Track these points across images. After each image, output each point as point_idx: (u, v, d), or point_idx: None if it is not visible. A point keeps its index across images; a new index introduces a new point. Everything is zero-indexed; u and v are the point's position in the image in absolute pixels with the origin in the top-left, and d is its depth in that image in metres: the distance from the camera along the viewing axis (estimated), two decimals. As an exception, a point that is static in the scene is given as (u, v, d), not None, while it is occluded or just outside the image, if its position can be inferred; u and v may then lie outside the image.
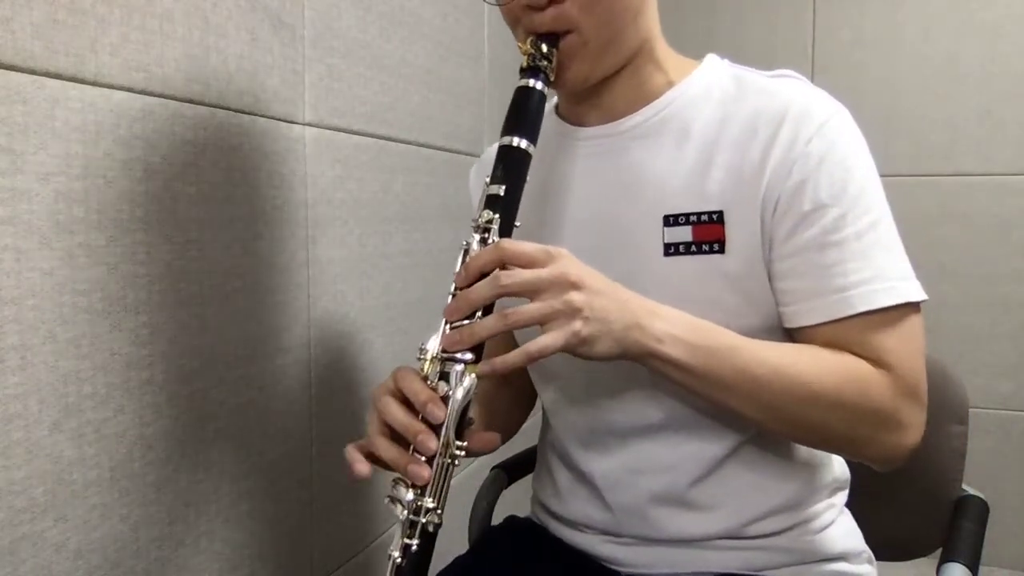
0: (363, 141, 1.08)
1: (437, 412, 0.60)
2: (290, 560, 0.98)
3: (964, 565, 0.78)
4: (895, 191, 0.74)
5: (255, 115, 0.87)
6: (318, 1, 0.97)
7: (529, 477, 1.07)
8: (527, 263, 0.60)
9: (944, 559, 0.80)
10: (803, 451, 0.77)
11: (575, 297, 0.59)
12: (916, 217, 1.92)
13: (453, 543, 0.86)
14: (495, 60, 1.53)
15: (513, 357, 0.60)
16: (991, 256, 1.95)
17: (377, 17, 1.10)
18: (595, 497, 0.78)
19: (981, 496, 0.91)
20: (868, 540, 0.82)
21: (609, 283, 0.62)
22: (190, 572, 0.81)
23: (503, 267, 0.61)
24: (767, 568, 0.74)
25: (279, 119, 0.91)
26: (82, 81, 0.66)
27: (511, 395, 0.91)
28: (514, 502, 1.02)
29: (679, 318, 0.65)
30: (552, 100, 0.81)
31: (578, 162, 0.78)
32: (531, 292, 0.59)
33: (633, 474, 0.76)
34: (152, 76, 0.73)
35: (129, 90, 0.71)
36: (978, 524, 0.86)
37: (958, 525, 0.86)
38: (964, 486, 0.93)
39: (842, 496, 0.81)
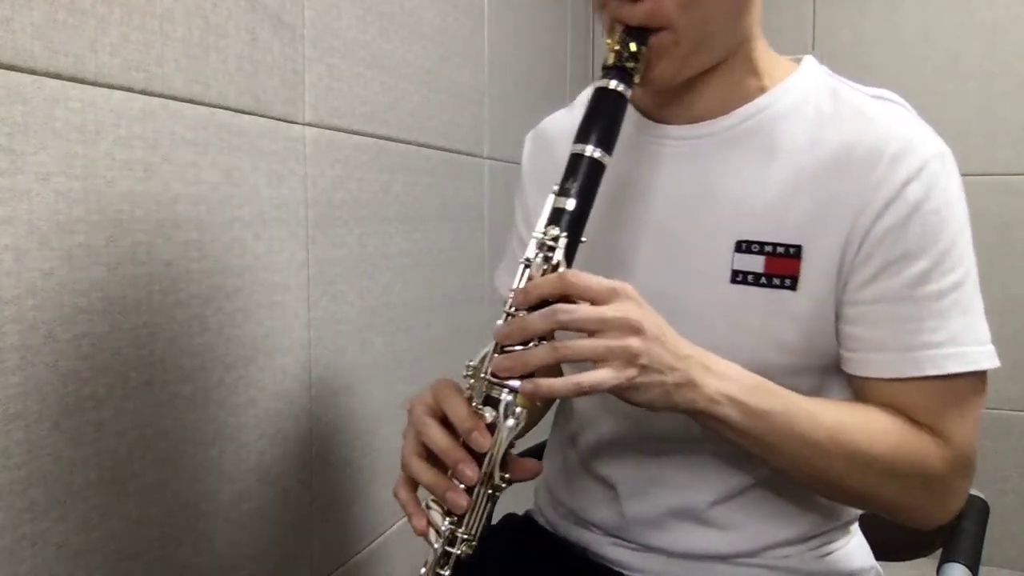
0: (363, 141, 1.08)
1: (482, 441, 0.56)
2: (290, 560, 0.98)
3: (964, 565, 0.78)
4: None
5: (255, 115, 0.87)
6: (318, 1, 0.97)
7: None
8: (591, 299, 0.57)
9: (944, 559, 0.79)
10: None
11: (634, 343, 0.56)
12: (916, 217, 1.91)
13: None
14: (495, 60, 1.53)
15: (562, 386, 0.56)
16: (991, 256, 1.95)
17: (377, 17, 1.10)
18: (611, 501, 0.77)
19: (981, 496, 0.91)
20: (868, 539, 0.82)
21: (669, 331, 0.59)
22: (190, 572, 0.81)
23: (564, 298, 0.57)
24: None
25: (279, 119, 0.91)
26: (82, 81, 0.66)
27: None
28: (504, 501, 1.02)
29: (735, 377, 0.61)
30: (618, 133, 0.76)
31: (658, 164, 0.72)
32: (590, 330, 0.56)
33: (655, 485, 0.74)
34: (152, 76, 0.73)
35: (129, 90, 0.71)
36: (978, 524, 0.86)
37: (958, 525, 0.86)
38: (964, 486, 0.93)
39: (856, 524, 0.80)
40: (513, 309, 0.59)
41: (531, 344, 0.57)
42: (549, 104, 1.88)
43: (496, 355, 0.58)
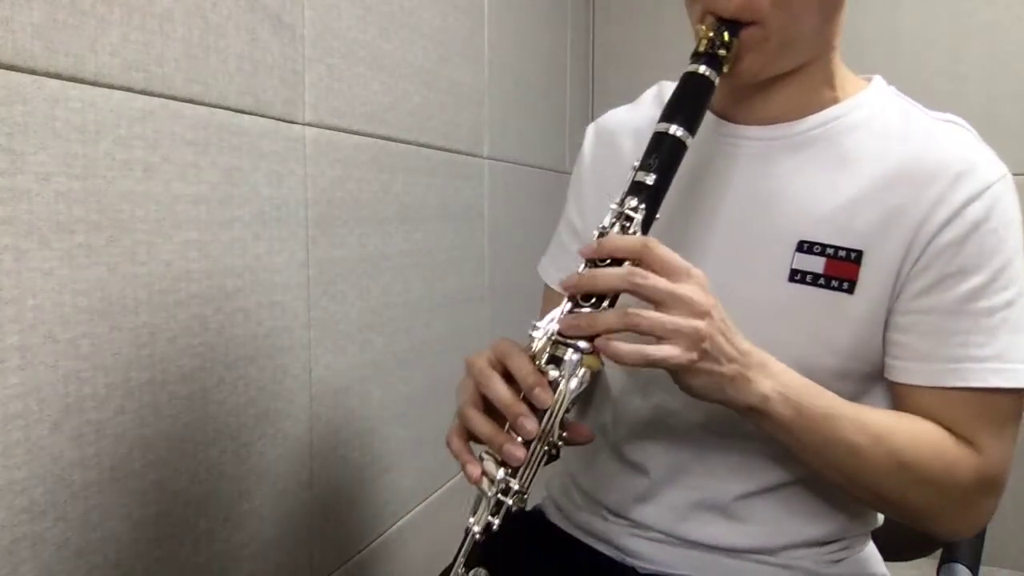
0: (363, 141, 1.08)
1: (544, 397, 0.57)
2: (290, 560, 0.98)
3: (964, 565, 0.78)
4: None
5: (255, 115, 0.87)
6: (318, 1, 0.97)
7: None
8: (666, 271, 0.58)
9: (944, 559, 0.80)
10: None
11: (701, 326, 0.57)
12: (916, 217, 1.91)
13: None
14: (495, 60, 1.53)
15: (628, 353, 0.57)
16: (991, 256, 1.95)
17: (377, 17, 1.10)
18: (636, 488, 0.77)
19: (981, 496, 0.91)
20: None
21: (731, 325, 0.60)
22: (190, 572, 0.81)
23: (638, 263, 0.58)
24: None
25: (279, 119, 0.91)
26: (82, 81, 0.66)
27: None
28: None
29: (787, 378, 0.63)
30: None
31: (732, 161, 0.74)
32: (661, 302, 0.57)
33: (683, 474, 0.75)
34: (152, 76, 0.73)
35: (129, 90, 0.71)
36: (978, 524, 0.86)
37: (958, 525, 0.86)
38: (964, 486, 0.93)
39: (869, 533, 0.80)
40: (585, 263, 0.60)
41: (602, 307, 0.58)
42: (549, 104, 1.87)
43: (564, 316, 0.59)
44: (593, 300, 0.59)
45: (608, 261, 0.59)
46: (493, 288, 1.53)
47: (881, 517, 0.80)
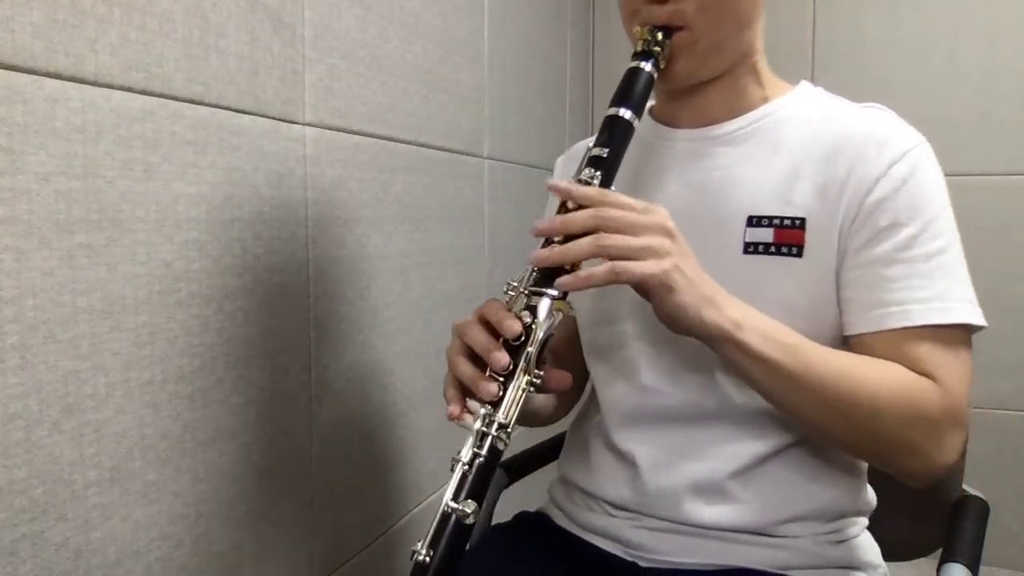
0: (363, 141, 1.08)
1: (513, 327, 0.62)
2: (290, 560, 0.98)
3: (964, 565, 0.78)
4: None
5: (255, 115, 0.87)
6: (318, 1, 0.97)
7: (529, 476, 1.07)
8: (627, 208, 0.63)
9: (944, 559, 0.80)
10: (843, 463, 0.78)
11: (667, 243, 0.62)
12: (916, 217, 1.91)
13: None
14: (495, 60, 1.53)
15: (599, 272, 0.61)
16: (991, 256, 1.95)
17: (377, 17, 1.10)
18: (632, 478, 0.79)
19: (981, 496, 0.91)
20: (869, 540, 0.82)
21: (695, 258, 0.66)
22: (190, 572, 0.81)
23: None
24: (788, 567, 0.75)
25: (279, 119, 0.91)
26: (82, 81, 0.66)
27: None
28: (518, 501, 1.02)
29: (752, 310, 0.67)
30: (647, 103, 0.83)
31: (670, 161, 0.82)
32: (628, 231, 0.62)
33: (674, 457, 0.78)
34: (152, 76, 0.73)
35: (129, 90, 0.71)
36: (978, 524, 0.86)
37: (958, 525, 0.86)
38: (964, 486, 0.93)
39: (865, 520, 0.83)
40: (556, 215, 0.66)
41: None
42: (549, 104, 1.87)
43: (536, 251, 0.64)
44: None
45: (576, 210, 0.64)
46: (493, 288, 1.53)
47: (868, 497, 0.82)
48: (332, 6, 1.00)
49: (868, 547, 0.81)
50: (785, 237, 0.73)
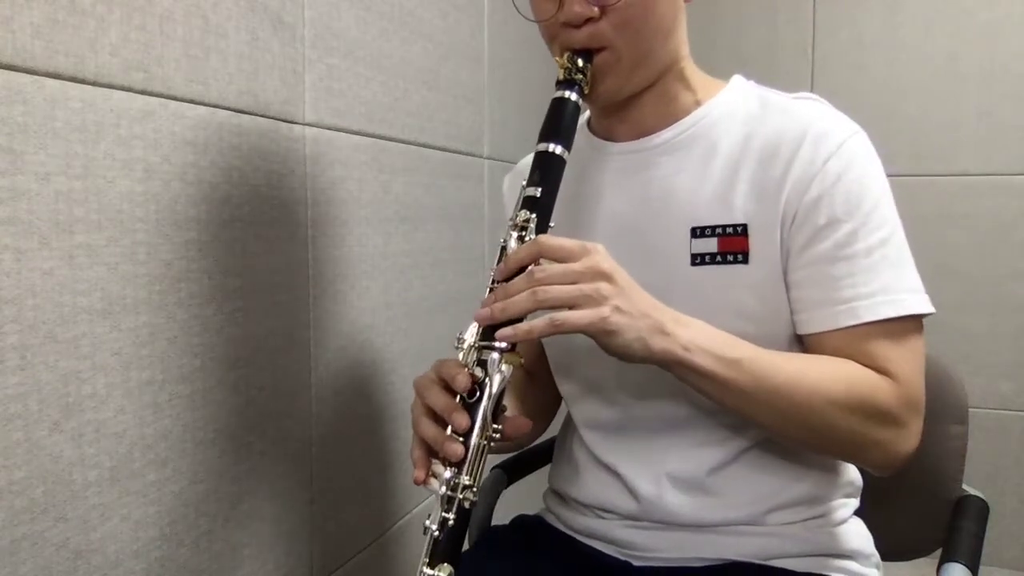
0: (363, 141, 1.08)
1: (464, 382, 0.63)
2: (290, 560, 0.98)
3: (964, 565, 0.78)
4: (895, 191, 0.74)
5: (255, 115, 0.87)
6: (318, 1, 0.97)
7: (529, 477, 1.07)
8: (564, 257, 0.64)
9: (944, 559, 0.80)
10: None
11: (604, 287, 0.62)
12: (916, 217, 1.89)
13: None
14: (495, 60, 1.53)
15: (539, 325, 0.62)
16: (991, 256, 1.95)
17: (377, 17, 1.10)
18: (618, 484, 0.81)
19: (981, 496, 0.91)
20: (868, 540, 0.82)
21: (638, 287, 0.66)
22: (190, 572, 0.81)
23: (539, 263, 0.65)
24: (781, 556, 0.76)
25: (279, 119, 0.91)
26: (82, 81, 0.66)
27: (539, 389, 0.93)
28: (516, 503, 1.02)
29: (702, 328, 0.67)
30: (584, 115, 0.84)
31: (608, 175, 0.82)
32: (564, 280, 0.62)
33: (654, 461, 0.79)
34: (152, 76, 0.73)
35: (129, 90, 0.71)
36: (978, 524, 0.86)
37: (958, 525, 0.86)
38: (964, 486, 0.93)
39: (855, 501, 0.83)
40: (494, 284, 0.67)
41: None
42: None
43: (479, 311, 0.65)
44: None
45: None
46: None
47: (852, 477, 0.83)
48: (332, 6, 1.00)
49: (859, 534, 0.82)
50: (729, 245, 0.74)
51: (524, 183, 0.70)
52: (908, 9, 2.01)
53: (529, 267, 0.64)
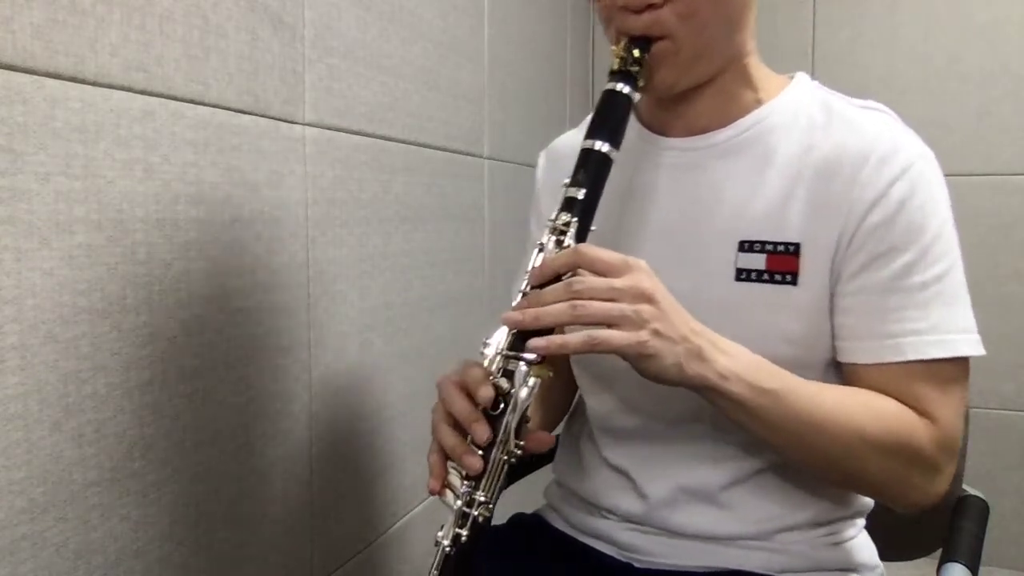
0: (363, 141, 1.08)
1: (487, 395, 0.60)
2: (290, 560, 0.98)
3: (964, 565, 0.78)
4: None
5: (255, 115, 0.87)
6: (318, 1, 0.97)
7: (529, 478, 1.07)
8: (604, 271, 0.60)
9: (944, 559, 0.79)
10: None
11: (646, 309, 0.59)
12: (916, 217, 1.91)
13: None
14: (495, 60, 1.53)
15: (574, 340, 0.59)
16: (991, 256, 1.95)
17: (377, 17, 1.10)
18: (627, 488, 0.79)
19: (981, 496, 0.91)
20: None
21: (679, 307, 0.62)
22: (190, 572, 0.81)
23: (577, 273, 0.61)
24: (784, 571, 0.75)
25: (279, 119, 0.91)
26: (82, 81, 0.66)
27: (560, 388, 0.92)
28: (513, 502, 1.02)
29: (741, 356, 0.64)
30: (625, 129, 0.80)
31: (660, 172, 0.77)
32: (603, 299, 0.59)
33: (668, 469, 0.77)
34: (152, 76, 0.73)
35: (129, 90, 0.71)
36: (978, 524, 0.86)
37: (958, 525, 0.86)
38: (964, 486, 0.93)
39: (863, 520, 0.82)
40: (527, 287, 0.63)
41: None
42: (549, 104, 1.87)
43: (510, 312, 0.62)
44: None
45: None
46: (493, 288, 1.53)
47: (871, 500, 0.81)
48: (332, 6, 1.00)
49: (864, 547, 0.81)
50: (778, 264, 0.70)
51: (566, 181, 0.66)
52: (908, 9, 2.01)
53: (567, 276, 0.61)
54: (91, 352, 0.68)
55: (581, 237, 0.64)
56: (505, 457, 0.61)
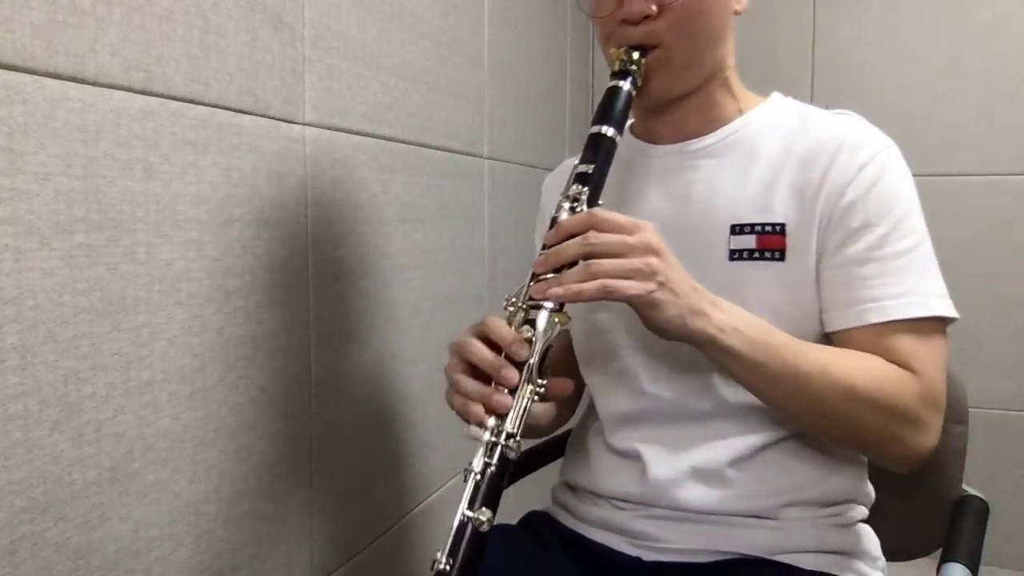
0: (363, 141, 1.08)
1: (522, 352, 0.65)
2: (290, 560, 0.98)
3: (964, 565, 0.78)
4: (895, 191, 0.75)
5: (255, 115, 0.87)
6: (318, 1, 0.97)
7: (529, 478, 1.07)
8: (615, 229, 0.66)
9: (944, 559, 0.80)
10: (843, 453, 0.81)
11: (655, 262, 0.65)
12: (916, 217, 1.91)
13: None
14: (495, 60, 1.53)
15: (590, 288, 0.64)
16: (991, 256, 1.95)
17: (377, 17, 1.10)
18: (634, 470, 0.82)
19: (981, 496, 0.91)
20: (868, 540, 0.82)
21: (682, 267, 0.69)
22: (190, 572, 0.81)
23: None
24: (790, 551, 0.77)
25: (279, 119, 0.91)
26: (82, 81, 0.66)
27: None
28: (520, 501, 1.02)
29: (738, 313, 0.70)
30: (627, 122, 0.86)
31: (651, 175, 0.85)
32: (616, 254, 0.65)
33: (675, 449, 0.81)
34: (152, 76, 0.73)
35: (129, 90, 0.71)
36: (978, 524, 0.87)
37: (958, 525, 0.86)
38: (964, 486, 0.93)
39: (865, 509, 0.85)
40: (544, 247, 0.69)
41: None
42: (549, 104, 1.87)
43: (531, 284, 0.68)
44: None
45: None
46: (493, 288, 1.53)
47: (867, 489, 0.84)
48: (332, 6, 1.00)
49: (868, 538, 0.83)
50: (767, 243, 0.77)
51: (576, 162, 0.73)
52: (908, 9, 2.01)
53: (583, 234, 0.67)
54: (91, 352, 0.68)
55: (592, 204, 0.71)
56: (529, 396, 0.66)
